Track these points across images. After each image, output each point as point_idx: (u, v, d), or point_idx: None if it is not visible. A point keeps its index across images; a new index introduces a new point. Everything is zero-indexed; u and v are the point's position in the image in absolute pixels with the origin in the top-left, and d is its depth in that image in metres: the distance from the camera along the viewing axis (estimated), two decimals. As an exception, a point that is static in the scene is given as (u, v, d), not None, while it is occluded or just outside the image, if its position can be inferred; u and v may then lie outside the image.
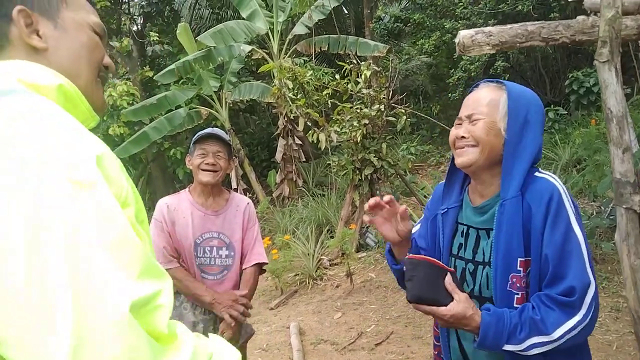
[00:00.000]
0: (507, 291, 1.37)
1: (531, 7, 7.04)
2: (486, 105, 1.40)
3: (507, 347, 1.31)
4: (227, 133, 3.87)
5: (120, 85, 8.95)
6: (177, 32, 9.00)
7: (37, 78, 0.82)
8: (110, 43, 10.51)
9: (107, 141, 9.44)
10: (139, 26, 11.18)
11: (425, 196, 6.63)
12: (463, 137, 1.41)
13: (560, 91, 8.99)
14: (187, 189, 2.42)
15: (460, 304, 1.32)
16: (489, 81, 1.49)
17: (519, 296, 1.37)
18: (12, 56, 0.85)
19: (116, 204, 0.68)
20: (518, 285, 1.37)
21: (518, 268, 1.36)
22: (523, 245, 1.35)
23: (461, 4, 8.79)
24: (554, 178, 1.40)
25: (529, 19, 7.85)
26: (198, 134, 2.38)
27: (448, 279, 1.36)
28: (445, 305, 1.33)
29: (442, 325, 1.45)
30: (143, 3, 10.35)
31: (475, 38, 2.27)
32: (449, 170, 1.59)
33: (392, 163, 6.25)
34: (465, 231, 1.51)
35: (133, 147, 8.64)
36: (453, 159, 1.53)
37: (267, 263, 2.50)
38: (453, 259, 1.53)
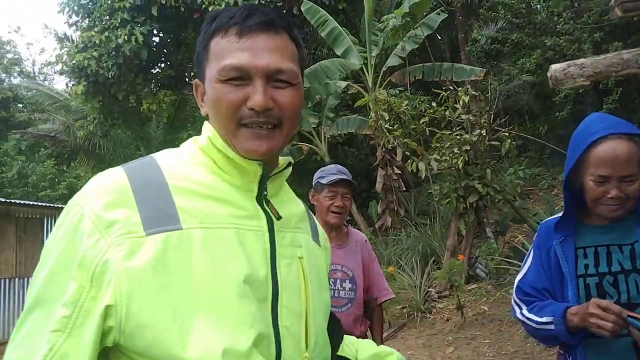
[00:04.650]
0: None
1: (645, 13, 6.51)
2: (636, 164, 1.47)
3: None
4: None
5: (228, 128, 9.62)
6: (277, 74, 9.50)
7: (200, 139, 0.92)
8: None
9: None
10: (242, 72, 11.96)
11: (538, 222, 6.25)
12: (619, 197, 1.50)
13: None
14: None
15: None
16: (615, 134, 1.50)
17: None
18: None
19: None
20: None
21: None
22: None
23: (562, 19, 8.36)
24: None
25: (643, 27, 7.25)
26: (325, 173, 2.42)
27: None
28: None
29: None
30: (244, 49, 11.10)
31: (567, 71, 2.19)
32: (566, 203, 1.66)
33: (498, 189, 6.01)
34: (592, 252, 1.58)
35: (241, 185, 9.14)
36: (566, 191, 1.63)
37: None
38: (581, 279, 1.58)
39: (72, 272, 0.73)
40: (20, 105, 22.45)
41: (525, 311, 1.69)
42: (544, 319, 1.61)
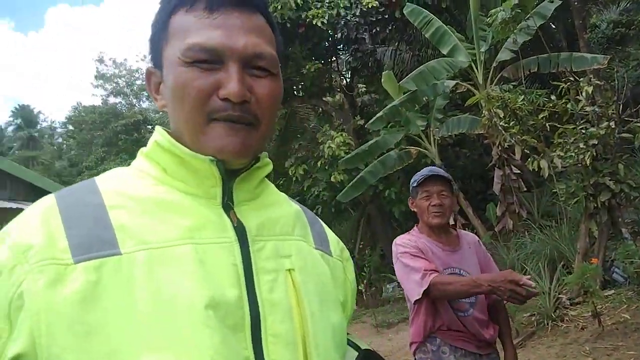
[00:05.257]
0: None
1: None
2: None
3: None
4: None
5: (337, 137, 9.85)
6: (382, 80, 9.54)
7: (148, 145, 0.76)
8: (324, 99, 11.70)
9: (330, 188, 10.40)
10: (347, 80, 12.19)
11: (684, 221, 5.61)
12: None
13: None
14: (415, 229, 2.43)
15: None
16: None
17: None
18: None
19: None
20: None
21: None
22: None
23: None
24: None
25: None
26: (417, 175, 2.39)
27: None
28: None
29: None
30: (349, 59, 11.29)
31: None
32: None
33: (634, 185, 5.50)
34: None
35: (353, 191, 9.34)
36: None
37: None
38: None
39: None
40: (150, 127, 24.83)
41: None
42: None
